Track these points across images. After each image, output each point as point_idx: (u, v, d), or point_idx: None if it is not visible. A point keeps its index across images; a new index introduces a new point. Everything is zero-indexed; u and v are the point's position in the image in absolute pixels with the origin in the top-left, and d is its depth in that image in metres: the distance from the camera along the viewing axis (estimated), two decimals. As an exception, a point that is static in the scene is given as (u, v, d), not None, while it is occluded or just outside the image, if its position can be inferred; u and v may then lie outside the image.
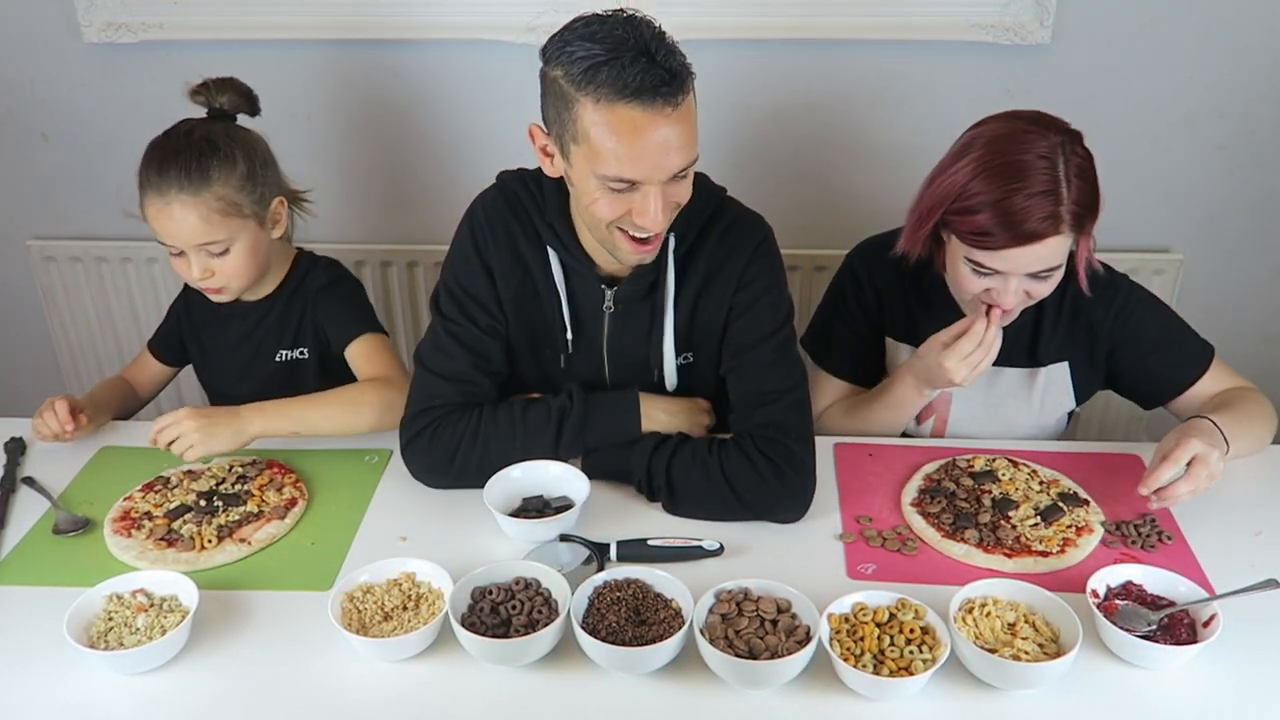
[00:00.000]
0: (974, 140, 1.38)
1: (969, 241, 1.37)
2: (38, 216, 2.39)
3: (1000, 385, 1.58)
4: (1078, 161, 1.33)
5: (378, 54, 2.14)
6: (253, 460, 1.53)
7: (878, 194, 2.21)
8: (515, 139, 1.49)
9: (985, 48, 2.03)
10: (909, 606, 1.16)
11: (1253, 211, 2.21)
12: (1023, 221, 1.31)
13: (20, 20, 2.16)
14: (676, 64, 1.21)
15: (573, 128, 1.23)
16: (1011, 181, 1.31)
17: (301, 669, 1.17)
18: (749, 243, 1.45)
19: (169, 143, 1.50)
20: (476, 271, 1.47)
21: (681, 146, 1.23)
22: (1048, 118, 1.38)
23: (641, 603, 1.19)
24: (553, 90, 1.24)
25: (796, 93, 2.12)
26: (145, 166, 1.49)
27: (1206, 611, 1.16)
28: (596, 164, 1.23)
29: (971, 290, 1.42)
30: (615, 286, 1.45)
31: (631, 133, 1.20)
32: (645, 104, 1.18)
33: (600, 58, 1.18)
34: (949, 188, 1.37)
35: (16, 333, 2.56)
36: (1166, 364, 1.53)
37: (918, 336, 1.58)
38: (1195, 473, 1.29)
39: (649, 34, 1.20)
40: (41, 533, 1.40)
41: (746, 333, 1.44)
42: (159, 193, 1.46)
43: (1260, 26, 2.01)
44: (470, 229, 1.48)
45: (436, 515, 1.42)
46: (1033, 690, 1.11)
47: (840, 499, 1.44)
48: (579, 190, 1.30)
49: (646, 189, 1.25)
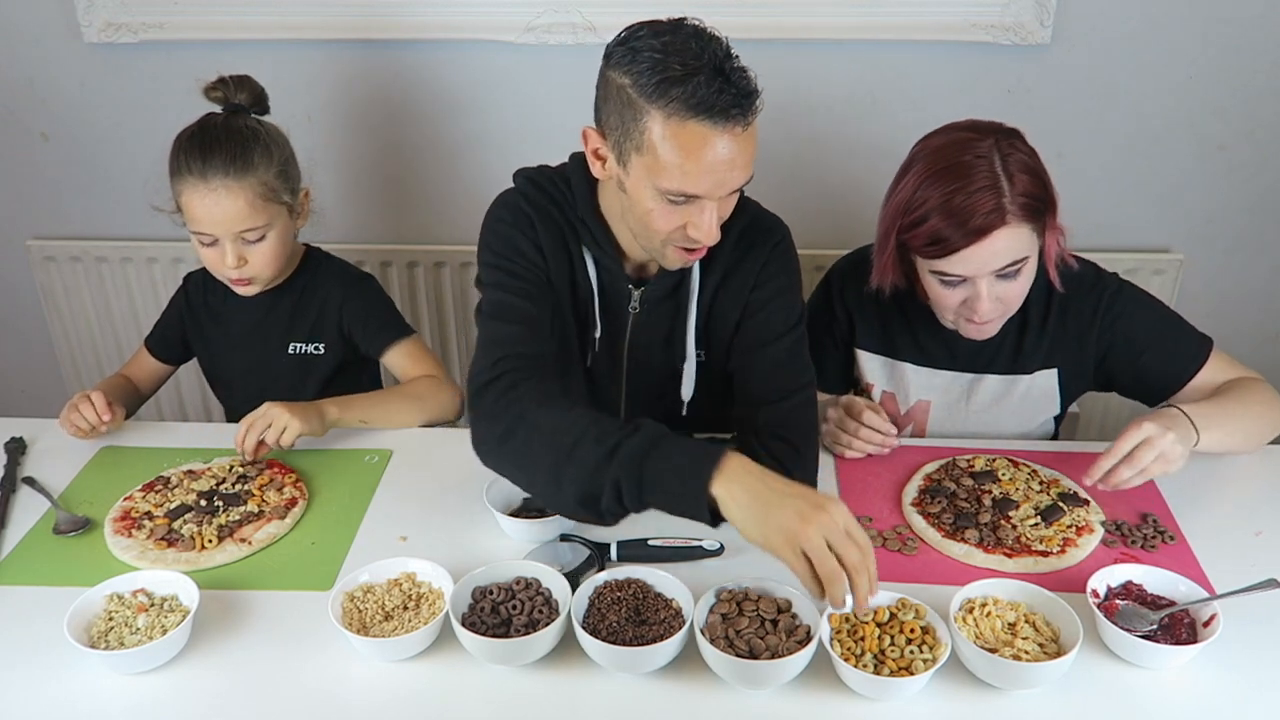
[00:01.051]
0: (915, 157, 1.40)
1: (926, 254, 1.37)
2: (38, 216, 2.39)
3: (982, 393, 1.57)
4: (1018, 156, 1.35)
5: (378, 54, 2.14)
6: (253, 460, 1.53)
7: (877, 194, 2.19)
8: (515, 139, 1.50)
9: (985, 48, 2.03)
10: (909, 606, 1.16)
11: (1253, 211, 2.21)
12: (969, 218, 1.32)
13: (20, 20, 2.16)
14: (749, 84, 1.21)
15: (638, 137, 1.22)
16: (952, 183, 1.33)
17: (301, 669, 1.17)
18: (767, 242, 1.45)
19: (208, 132, 1.53)
20: (525, 246, 1.39)
21: (744, 165, 1.24)
22: (984, 123, 1.39)
23: (642, 603, 1.19)
24: (619, 97, 1.22)
25: (796, 93, 2.12)
26: (184, 155, 1.52)
27: (1206, 611, 1.16)
28: (659, 177, 1.22)
29: (949, 305, 1.43)
30: (642, 287, 1.45)
31: (700, 150, 1.19)
32: (717, 122, 1.18)
33: (676, 71, 1.17)
34: (897, 205, 1.39)
35: (16, 333, 2.56)
36: (1162, 360, 1.52)
37: (894, 348, 1.60)
38: (1138, 455, 1.29)
39: (720, 51, 1.20)
40: (42, 533, 1.40)
41: (759, 331, 1.44)
42: (201, 178, 1.49)
43: (1260, 26, 2.01)
44: (510, 216, 1.41)
45: (436, 515, 1.42)
46: (1033, 690, 1.11)
47: (840, 499, 1.44)
48: (633, 199, 1.28)
49: (705, 203, 1.25)
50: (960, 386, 1.58)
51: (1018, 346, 1.54)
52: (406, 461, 1.53)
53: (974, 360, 1.56)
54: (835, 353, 1.65)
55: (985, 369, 1.56)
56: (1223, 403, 1.43)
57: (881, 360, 1.61)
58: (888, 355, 1.60)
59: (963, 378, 1.57)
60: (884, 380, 1.61)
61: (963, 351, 1.56)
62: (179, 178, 1.53)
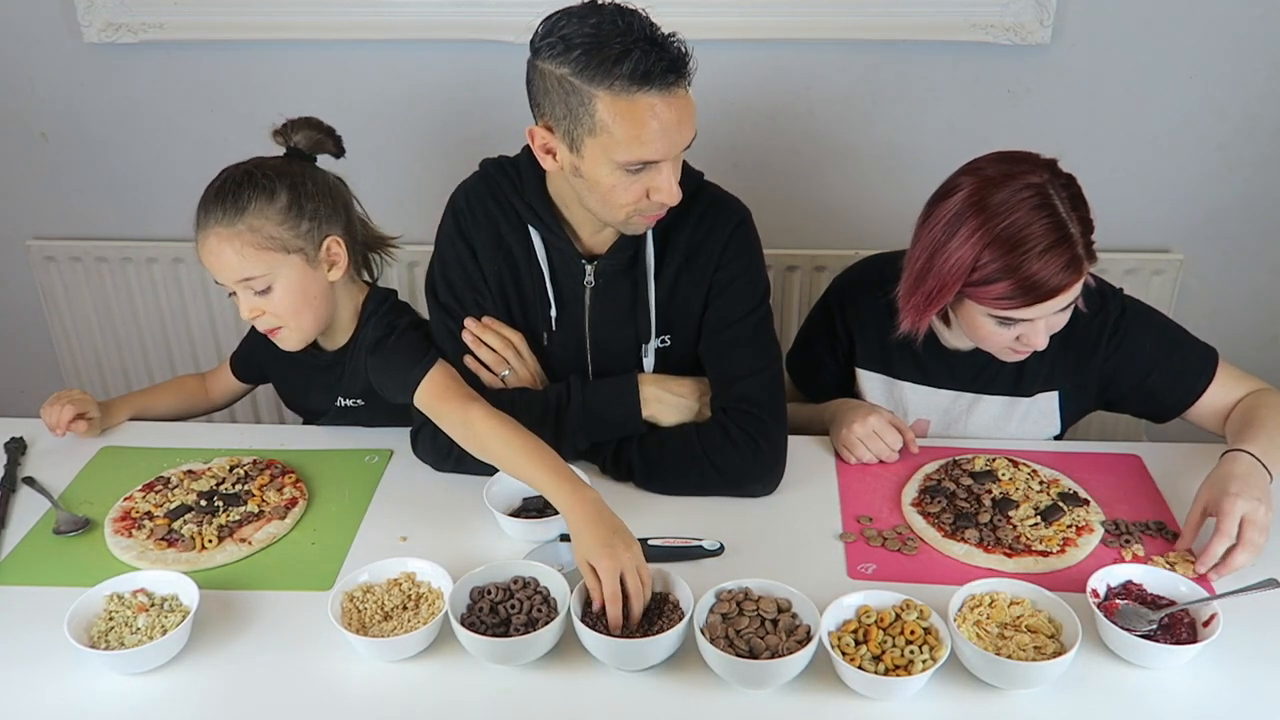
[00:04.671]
0: (960, 211, 1.31)
1: (995, 306, 1.33)
2: (38, 216, 2.39)
3: (981, 413, 1.56)
4: (1068, 193, 1.31)
5: (378, 54, 2.14)
6: (253, 460, 1.53)
7: (877, 194, 2.21)
8: (515, 139, 1.49)
9: (985, 48, 2.03)
10: (914, 607, 1.16)
11: (1253, 212, 2.21)
12: (1045, 281, 1.28)
13: (20, 20, 2.16)
14: (681, 47, 1.25)
15: (588, 121, 1.25)
16: (1019, 246, 1.27)
17: (301, 669, 1.17)
18: (728, 223, 1.46)
19: (219, 179, 1.45)
20: (462, 253, 1.48)
21: (690, 122, 1.29)
22: (1016, 157, 1.34)
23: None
24: (560, 87, 1.25)
25: (796, 93, 2.12)
26: (200, 203, 1.44)
27: (1206, 611, 1.16)
28: (616, 152, 1.26)
29: (1001, 342, 1.39)
30: (595, 261, 1.46)
31: (651, 118, 1.24)
32: (662, 90, 1.23)
33: (614, 50, 1.21)
34: (957, 266, 1.31)
35: (16, 333, 2.56)
36: (1170, 380, 1.49)
37: (894, 367, 1.58)
38: (1248, 538, 1.24)
39: (645, 22, 1.24)
40: (42, 533, 1.40)
41: (725, 311, 1.46)
42: (201, 227, 1.43)
43: (1260, 26, 2.01)
44: (453, 214, 1.50)
45: (436, 515, 1.42)
46: (1033, 690, 1.11)
47: (840, 499, 1.44)
48: (592, 180, 1.30)
49: (662, 165, 1.29)
50: (960, 406, 1.57)
51: (1019, 368, 1.51)
52: (406, 461, 1.53)
53: (974, 381, 1.55)
54: (835, 369, 1.65)
55: (985, 390, 1.55)
56: (1270, 431, 1.37)
57: (882, 379, 1.60)
58: (888, 374, 1.59)
59: (963, 397, 1.56)
60: (884, 399, 1.60)
61: (963, 372, 1.54)
62: (196, 226, 1.46)
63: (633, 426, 1.46)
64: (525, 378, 1.50)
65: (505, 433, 1.35)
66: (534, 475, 1.31)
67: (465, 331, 1.49)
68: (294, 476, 1.49)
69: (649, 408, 1.46)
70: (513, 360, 1.49)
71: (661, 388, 1.48)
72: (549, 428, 1.43)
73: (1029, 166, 1.32)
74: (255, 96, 2.18)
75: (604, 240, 1.45)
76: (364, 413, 1.61)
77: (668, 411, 1.47)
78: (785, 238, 2.20)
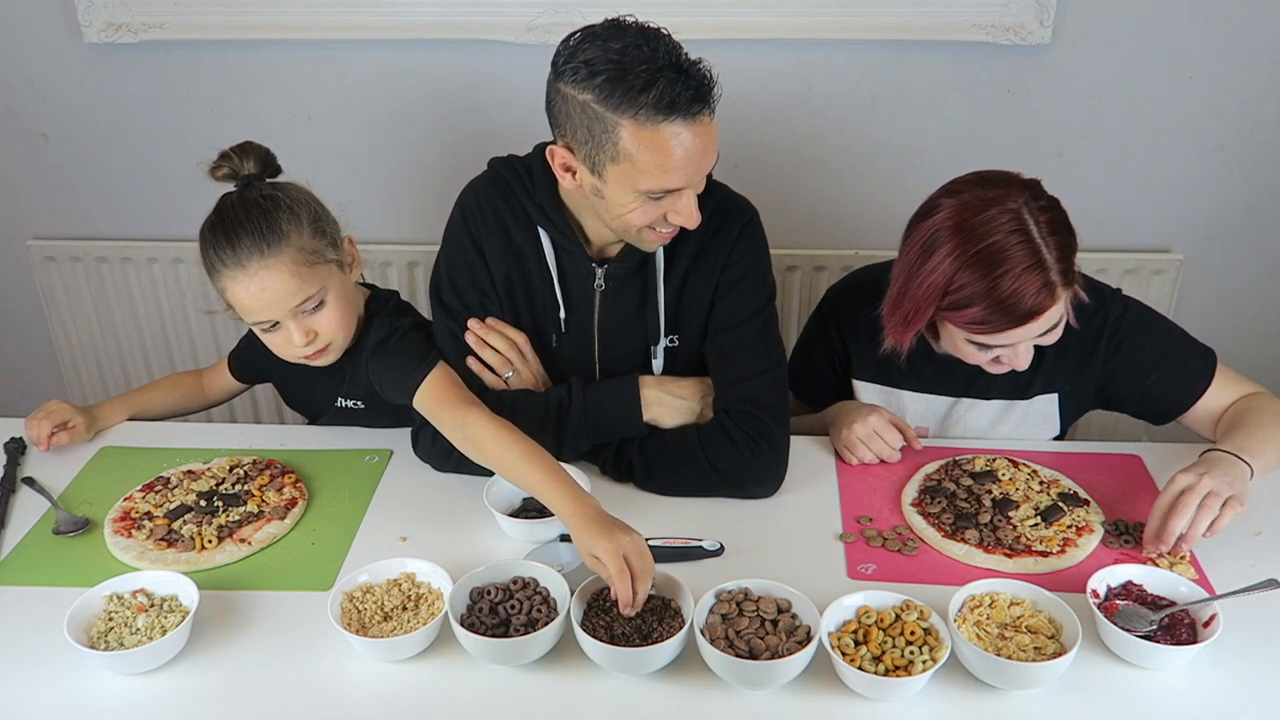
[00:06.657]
0: (938, 232, 1.31)
1: (970, 330, 1.34)
2: (38, 216, 2.39)
3: (979, 417, 1.57)
4: (1046, 217, 1.29)
5: (378, 54, 2.14)
6: (253, 460, 1.53)
7: (877, 194, 2.21)
8: (515, 139, 1.50)
9: (985, 48, 2.03)
10: (914, 608, 1.16)
11: (1253, 211, 2.20)
12: (1018, 304, 1.27)
13: (20, 20, 2.16)
14: (705, 74, 1.23)
15: (611, 149, 1.23)
16: (994, 268, 1.27)
17: (301, 669, 1.17)
18: (736, 222, 1.46)
19: (226, 216, 1.39)
20: (470, 255, 1.48)
21: (714, 148, 1.28)
22: (996, 177, 1.33)
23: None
24: (584, 113, 1.23)
25: (796, 93, 2.12)
26: (212, 249, 1.38)
27: (1206, 611, 1.16)
28: (639, 180, 1.25)
29: (980, 361, 1.40)
30: (605, 265, 1.46)
31: (676, 148, 1.23)
32: (687, 118, 1.21)
33: (639, 79, 1.19)
34: (932, 287, 1.31)
35: (16, 333, 2.56)
36: (1169, 382, 1.49)
37: (891, 376, 1.58)
38: (1182, 502, 1.25)
39: (670, 46, 1.22)
40: (41, 533, 1.40)
41: (730, 310, 1.46)
42: (239, 266, 1.35)
43: (1260, 26, 2.01)
44: (462, 215, 1.49)
45: (436, 515, 1.42)
46: (1033, 690, 1.11)
47: (840, 499, 1.44)
48: (611, 203, 1.30)
49: (684, 191, 1.28)
50: (959, 411, 1.57)
51: (1017, 372, 1.50)
52: (406, 461, 1.53)
53: (972, 386, 1.55)
54: (833, 379, 1.65)
55: (984, 394, 1.55)
56: (1252, 431, 1.38)
57: (879, 389, 1.59)
58: (885, 384, 1.59)
59: (961, 403, 1.56)
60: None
61: (960, 377, 1.54)
62: (216, 273, 1.39)
63: (634, 429, 1.46)
64: (528, 379, 1.50)
65: (503, 438, 1.35)
66: (532, 481, 1.30)
67: (469, 332, 1.48)
68: (294, 477, 1.49)
69: (650, 410, 1.46)
70: (516, 361, 1.49)
71: (663, 390, 1.47)
72: (550, 430, 1.43)
73: (1007, 190, 1.30)
74: (255, 96, 2.18)
75: (614, 243, 1.44)
76: (364, 413, 1.61)
77: (669, 414, 1.47)
78: (785, 238, 2.20)
